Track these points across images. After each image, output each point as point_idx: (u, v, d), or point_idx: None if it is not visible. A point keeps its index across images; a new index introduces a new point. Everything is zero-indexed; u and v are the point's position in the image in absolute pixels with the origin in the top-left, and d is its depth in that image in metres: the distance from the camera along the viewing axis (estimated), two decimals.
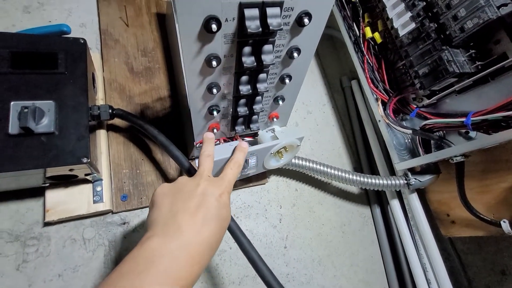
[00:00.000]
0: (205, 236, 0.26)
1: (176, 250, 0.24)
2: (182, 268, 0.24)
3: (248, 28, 0.27)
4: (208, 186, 0.30)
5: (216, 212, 0.28)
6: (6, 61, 0.34)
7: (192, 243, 0.25)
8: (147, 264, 0.23)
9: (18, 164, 0.32)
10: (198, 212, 0.27)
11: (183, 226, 0.26)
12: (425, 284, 0.56)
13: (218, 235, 0.28)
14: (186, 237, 0.25)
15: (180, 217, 0.26)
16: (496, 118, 0.40)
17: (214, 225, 0.27)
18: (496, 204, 0.48)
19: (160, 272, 0.23)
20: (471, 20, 0.41)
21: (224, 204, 0.29)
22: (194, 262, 0.25)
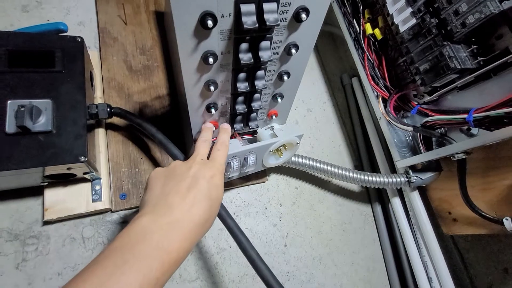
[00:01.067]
0: (195, 215, 0.27)
1: (167, 226, 0.25)
2: (172, 243, 0.24)
3: (245, 24, 0.27)
4: (199, 169, 0.31)
5: (207, 192, 0.29)
6: (3, 59, 0.34)
7: (182, 221, 0.26)
8: (138, 239, 0.23)
9: (15, 163, 0.32)
10: (189, 193, 0.28)
11: (173, 205, 0.27)
12: (427, 283, 0.55)
13: (208, 214, 0.28)
14: (176, 215, 0.26)
15: (171, 198, 0.27)
16: (498, 114, 0.40)
17: (204, 205, 0.28)
18: (498, 201, 0.47)
19: (152, 246, 0.23)
20: (472, 15, 0.40)
21: (215, 185, 0.30)
22: (185, 238, 0.25)
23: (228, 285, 0.49)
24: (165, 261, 0.23)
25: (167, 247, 0.23)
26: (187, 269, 0.47)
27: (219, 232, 0.51)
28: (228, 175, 0.42)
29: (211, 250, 0.49)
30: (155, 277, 0.22)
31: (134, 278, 0.21)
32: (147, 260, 0.22)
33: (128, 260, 0.22)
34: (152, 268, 0.22)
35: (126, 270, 0.21)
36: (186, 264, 0.47)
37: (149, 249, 0.23)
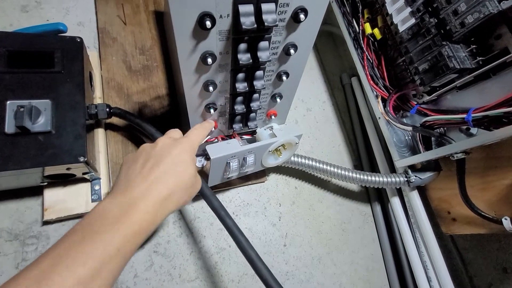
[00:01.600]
0: (155, 191, 0.26)
1: (124, 204, 0.25)
2: (131, 217, 0.24)
3: (243, 24, 0.27)
4: (163, 147, 0.30)
5: (170, 169, 0.28)
6: (2, 60, 0.34)
7: (141, 198, 0.25)
8: (96, 218, 0.24)
9: (15, 163, 0.32)
10: (150, 173, 0.27)
11: (134, 186, 0.26)
12: (426, 282, 0.55)
13: (171, 192, 0.27)
14: (134, 194, 0.26)
15: (132, 180, 0.27)
16: (497, 114, 0.40)
17: (166, 183, 0.27)
18: (497, 201, 0.47)
19: (109, 221, 0.23)
20: (471, 15, 0.40)
21: (180, 162, 0.29)
22: (145, 212, 0.25)
23: (227, 285, 0.49)
24: (126, 233, 0.23)
25: (125, 220, 0.24)
26: (187, 269, 0.47)
27: (218, 232, 0.51)
28: (227, 175, 0.42)
29: (210, 250, 0.49)
30: (115, 248, 0.22)
31: (92, 249, 0.21)
32: (106, 234, 0.22)
33: (86, 236, 0.22)
34: (112, 240, 0.22)
35: (85, 243, 0.22)
36: (186, 264, 0.47)
37: (106, 223, 0.23)
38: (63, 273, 0.20)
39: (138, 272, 0.44)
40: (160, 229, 0.48)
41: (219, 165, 0.41)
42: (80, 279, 0.20)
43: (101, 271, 0.21)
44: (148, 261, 0.45)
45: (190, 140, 0.32)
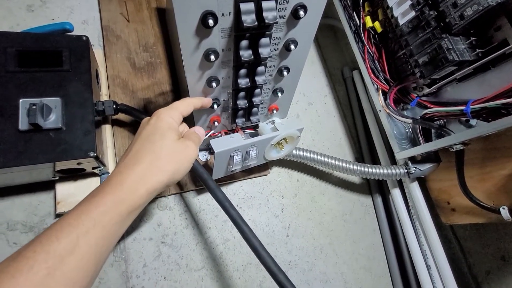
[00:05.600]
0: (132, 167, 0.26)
1: (105, 184, 0.25)
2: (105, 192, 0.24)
3: (244, 22, 0.28)
4: (145, 121, 0.31)
5: (146, 141, 0.28)
6: (14, 60, 0.36)
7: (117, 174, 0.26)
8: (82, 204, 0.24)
9: (29, 159, 0.33)
10: (130, 151, 0.28)
11: (117, 168, 0.27)
12: (425, 270, 0.57)
13: (149, 162, 0.27)
14: (114, 173, 0.26)
15: (118, 165, 0.27)
16: (495, 105, 0.40)
17: (141, 155, 0.27)
18: (496, 191, 0.48)
19: (86, 199, 0.24)
20: (470, 7, 0.40)
21: (156, 131, 0.29)
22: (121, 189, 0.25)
23: (232, 274, 0.51)
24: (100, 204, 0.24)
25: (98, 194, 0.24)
26: (193, 258, 0.49)
27: (223, 224, 0.53)
28: (231, 168, 0.44)
29: (215, 241, 0.51)
30: (92, 219, 0.23)
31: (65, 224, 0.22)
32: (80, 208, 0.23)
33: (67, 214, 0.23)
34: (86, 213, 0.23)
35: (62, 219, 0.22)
36: (192, 254, 0.49)
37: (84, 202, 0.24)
38: (36, 249, 0.20)
39: (147, 261, 0.46)
40: (166, 221, 0.49)
41: (223, 159, 0.42)
42: (54, 253, 0.20)
43: (78, 244, 0.21)
44: (156, 252, 0.47)
45: (169, 108, 0.31)
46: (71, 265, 0.21)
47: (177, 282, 0.47)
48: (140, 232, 0.47)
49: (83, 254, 0.21)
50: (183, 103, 0.33)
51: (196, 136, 0.34)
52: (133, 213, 0.25)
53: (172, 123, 0.30)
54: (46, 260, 0.20)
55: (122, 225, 0.25)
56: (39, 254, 0.20)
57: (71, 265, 0.21)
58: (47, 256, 0.20)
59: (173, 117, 0.31)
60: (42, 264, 0.20)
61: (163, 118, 0.30)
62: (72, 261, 0.21)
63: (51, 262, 0.20)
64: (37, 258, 0.20)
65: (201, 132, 0.36)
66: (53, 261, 0.20)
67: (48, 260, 0.20)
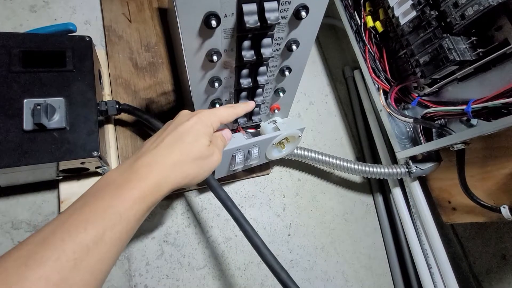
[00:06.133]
0: (159, 163, 0.26)
1: (129, 172, 0.25)
2: (133, 186, 0.24)
3: (247, 23, 0.28)
4: (183, 117, 0.30)
5: (179, 139, 0.28)
6: (18, 60, 0.36)
7: (144, 166, 0.25)
8: (100, 186, 0.25)
9: (33, 158, 0.34)
10: (160, 143, 0.27)
11: (141, 156, 0.26)
12: (426, 269, 0.57)
13: (177, 161, 0.26)
14: (139, 163, 0.26)
15: (143, 151, 0.27)
16: (496, 105, 0.40)
17: (172, 152, 0.27)
18: (496, 190, 0.48)
19: (112, 188, 0.24)
20: (471, 7, 0.41)
21: (192, 131, 0.28)
22: (146, 184, 0.25)
23: (234, 272, 0.51)
24: (127, 198, 0.23)
25: (126, 186, 0.24)
26: (195, 257, 0.49)
27: (225, 222, 0.53)
28: (233, 168, 0.44)
29: (218, 240, 0.52)
30: (117, 213, 0.22)
31: (93, 214, 0.22)
32: (107, 199, 0.23)
33: (88, 202, 0.23)
34: (112, 205, 0.22)
35: (86, 209, 0.22)
36: (194, 253, 0.49)
37: (108, 190, 0.24)
38: (64, 238, 0.20)
39: (150, 260, 0.46)
40: (169, 220, 0.50)
41: (225, 158, 0.42)
42: (82, 244, 0.20)
43: (103, 236, 0.21)
44: (159, 250, 0.47)
45: (212, 112, 0.31)
46: (96, 257, 0.21)
47: (179, 280, 0.47)
48: (142, 231, 0.47)
49: (107, 247, 0.21)
50: (227, 112, 0.33)
51: (223, 141, 0.33)
52: (150, 208, 0.26)
53: (209, 129, 0.30)
54: (74, 251, 0.20)
55: (142, 219, 0.25)
56: (66, 244, 0.20)
57: (96, 257, 0.21)
58: (75, 247, 0.20)
59: (213, 123, 0.30)
60: (70, 255, 0.20)
61: (204, 121, 0.29)
62: (97, 254, 0.21)
63: (78, 254, 0.20)
64: (65, 248, 0.20)
65: (228, 136, 0.35)
66: (80, 253, 0.20)
67: (76, 251, 0.20)
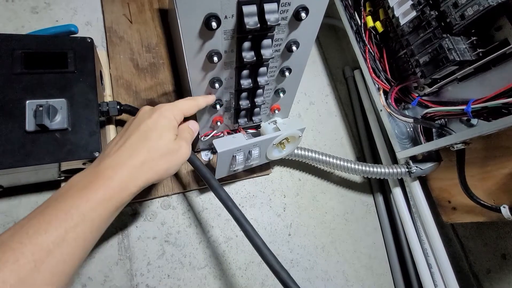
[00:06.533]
0: (124, 162, 0.26)
1: (93, 174, 0.25)
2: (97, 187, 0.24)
3: (247, 24, 0.28)
4: (145, 113, 0.30)
5: (143, 136, 0.27)
6: (20, 61, 0.36)
7: (108, 167, 0.25)
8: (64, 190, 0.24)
9: (36, 159, 0.34)
10: (124, 142, 0.27)
11: (105, 157, 0.26)
12: (427, 269, 0.57)
13: (144, 159, 0.26)
14: (103, 164, 0.25)
15: (107, 152, 0.27)
16: (496, 105, 0.41)
17: (137, 150, 0.26)
18: (496, 190, 0.48)
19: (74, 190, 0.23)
20: (471, 7, 0.41)
21: (156, 127, 0.28)
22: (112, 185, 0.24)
23: (235, 272, 0.51)
24: (91, 199, 0.23)
25: (90, 187, 0.24)
26: (196, 257, 0.49)
27: (225, 222, 0.53)
28: (233, 168, 0.44)
29: (218, 239, 0.52)
30: (80, 214, 0.22)
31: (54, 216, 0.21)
32: (69, 201, 0.22)
33: (50, 205, 0.22)
34: (76, 206, 0.22)
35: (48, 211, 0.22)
36: (195, 253, 0.50)
37: (71, 192, 0.23)
38: (23, 241, 0.19)
39: (151, 260, 0.47)
40: (170, 220, 0.50)
41: (226, 158, 0.43)
42: (41, 246, 0.20)
43: (65, 237, 0.21)
44: (160, 250, 0.48)
45: (173, 105, 0.31)
46: (58, 258, 0.21)
47: (180, 280, 0.47)
48: (144, 231, 0.48)
49: (70, 248, 0.21)
50: (188, 104, 0.33)
51: (190, 132, 0.33)
52: (119, 208, 0.25)
53: (173, 123, 0.30)
54: (33, 253, 0.19)
55: (109, 220, 0.25)
56: (25, 246, 0.19)
57: (58, 258, 0.21)
58: (34, 248, 0.20)
59: (175, 116, 0.30)
60: (29, 256, 0.19)
61: (166, 115, 0.29)
62: (59, 255, 0.20)
63: (38, 255, 0.20)
64: (23, 250, 0.19)
65: (195, 127, 0.35)
66: (40, 254, 0.20)
67: (35, 253, 0.19)
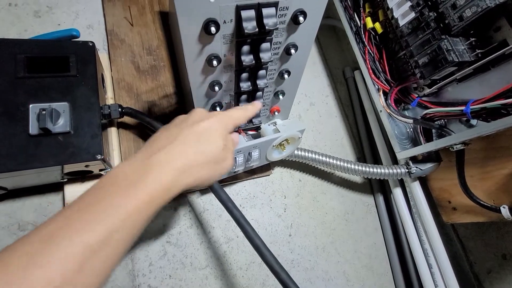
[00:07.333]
0: (171, 164, 0.25)
1: (141, 169, 0.24)
2: (144, 188, 0.23)
3: (245, 29, 0.29)
4: (197, 115, 0.28)
5: (193, 140, 0.26)
6: (23, 66, 0.37)
7: (156, 166, 0.24)
8: (111, 181, 0.23)
9: (39, 162, 0.35)
10: (173, 141, 0.26)
11: (152, 152, 0.25)
12: (427, 269, 0.57)
13: (190, 163, 0.25)
14: (151, 160, 0.24)
15: (155, 147, 0.26)
16: (495, 106, 0.41)
17: (185, 154, 0.25)
18: (496, 190, 0.49)
19: (123, 186, 0.22)
20: (469, 9, 0.41)
21: (207, 133, 0.27)
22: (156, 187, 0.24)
23: (236, 272, 0.52)
24: (137, 201, 0.22)
25: (137, 187, 0.23)
26: (198, 257, 0.50)
27: (226, 223, 0.54)
28: (234, 169, 0.45)
29: (219, 240, 0.52)
30: (127, 215, 0.21)
31: (102, 213, 0.21)
32: (117, 198, 0.22)
33: (99, 198, 0.22)
34: (123, 206, 0.21)
35: (96, 206, 0.21)
36: (196, 253, 0.50)
37: (119, 187, 0.22)
38: (72, 237, 0.19)
39: (153, 260, 0.47)
40: (171, 221, 0.50)
41: None
42: (88, 244, 0.19)
43: (110, 239, 0.20)
44: (162, 251, 0.48)
45: (227, 114, 0.30)
46: (101, 259, 0.20)
47: (182, 280, 0.48)
48: (145, 232, 0.48)
49: (113, 249, 0.21)
50: (240, 114, 0.32)
51: (234, 145, 0.32)
52: (157, 211, 0.25)
53: (225, 132, 0.29)
54: (80, 252, 0.19)
55: (148, 221, 0.24)
56: (74, 244, 0.19)
57: (101, 259, 0.20)
58: (81, 247, 0.19)
59: (228, 125, 0.29)
60: (76, 255, 0.19)
61: (222, 125, 0.28)
62: (103, 255, 0.20)
63: (84, 255, 0.19)
64: (71, 248, 0.19)
65: (237, 139, 0.34)
66: (86, 254, 0.19)
67: (82, 252, 0.19)
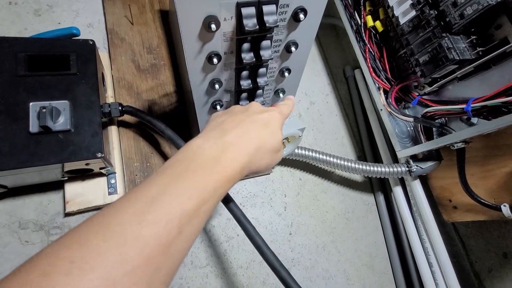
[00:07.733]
0: (247, 143, 0.26)
1: (220, 146, 0.25)
2: (226, 164, 0.24)
3: (246, 26, 0.29)
4: (257, 108, 0.30)
5: (261, 127, 0.28)
6: (23, 64, 0.37)
7: (234, 143, 0.25)
8: (194, 154, 0.23)
9: (40, 160, 0.35)
10: (242, 123, 0.27)
11: (227, 131, 0.26)
12: (427, 268, 0.57)
13: (260, 145, 0.27)
14: (227, 138, 0.25)
15: (226, 126, 0.27)
16: (495, 104, 0.41)
17: (258, 134, 0.27)
18: (497, 188, 0.48)
19: (209, 160, 0.23)
20: (470, 7, 0.41)
21: (270, 124, 0.29)
22: (234, 165, 0.24)
23: (236, 271, 0.52)
24: (221, 175, 0.23)
25: (221, 161, 0.23)
26: (198, 256, 0.50)
27: (227, 222, 0.54)
28: None
29: (220, 239, 0.52)
30: (213, 188, 0.22)
31: (195, 183, 0.21)
32: (206, 171, 0.22)
33: (189, 169, 0.22)
34: (210, 179, 0.22)
35: (189, 176, 0.21)
36: (197, 252, 0.50)
37: (205, 161, 0.23)
38: (172, 202, 0.20)
39: None
40: None
41: None
42: (185, 212, 0.20)
43: (200, 208, 0.21)
44: None
45: (281, 110, 0.32)
46: (192, 228, 0.20)
47: (182, 279, 0.48)
48: None
49: (200, 221, 0.21)
50: (288, 110, 0.34)
51: None
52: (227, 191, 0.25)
53: (282, 126, 0.31)
54: (180, 218, 0.19)
55: (219, 201, 0.25)
56: (175, 209, 0.19)
57: (192, 228, 0.20)
58: (181, 213, 0.20)
59: (283, 122, 0.32)
60: (177, 220, 0.19)
61: (281, 118, 0.31)
62: (195, 224, 0.21)
63: (183, 221, 0.20)
64: (174, 212, 0.19)
65: None
66: (184, 220, 0.20)
67: (181, 218, 0.20)
